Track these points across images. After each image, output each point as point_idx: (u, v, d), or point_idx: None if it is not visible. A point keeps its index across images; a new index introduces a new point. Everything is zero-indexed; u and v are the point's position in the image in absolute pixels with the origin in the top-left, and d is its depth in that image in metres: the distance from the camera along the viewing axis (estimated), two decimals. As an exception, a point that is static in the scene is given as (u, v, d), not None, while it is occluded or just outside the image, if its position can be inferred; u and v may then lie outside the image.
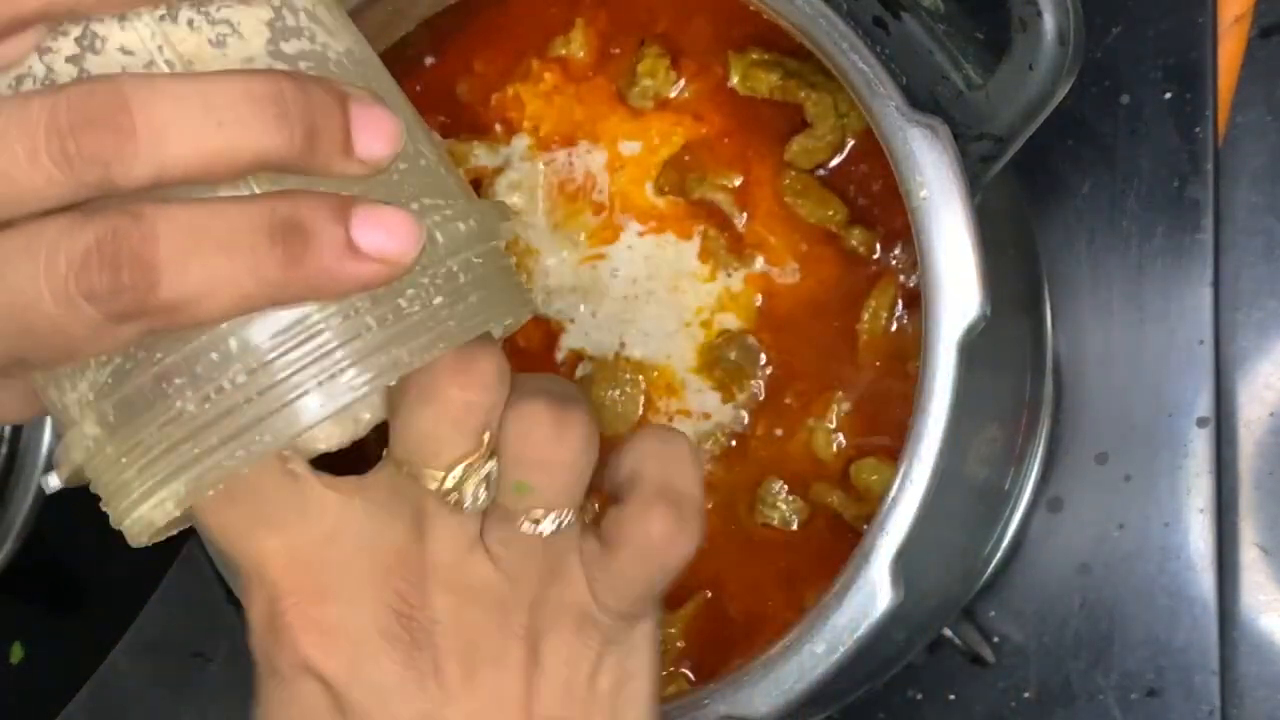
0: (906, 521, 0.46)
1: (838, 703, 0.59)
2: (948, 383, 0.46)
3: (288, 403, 0.36)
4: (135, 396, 0.36)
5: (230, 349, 0.36)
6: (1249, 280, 0.61)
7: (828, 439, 0.54)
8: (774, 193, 0.55)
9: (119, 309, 0.33)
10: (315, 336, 0.36)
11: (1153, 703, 0.59)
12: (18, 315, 0.34)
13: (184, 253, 0.33)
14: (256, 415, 0.36)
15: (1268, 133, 0.61)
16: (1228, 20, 0.60)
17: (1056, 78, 0.45)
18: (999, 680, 0.61)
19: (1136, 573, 0.59)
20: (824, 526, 0.54)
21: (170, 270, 0.33)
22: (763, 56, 0.55)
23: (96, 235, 0.33)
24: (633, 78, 0.56)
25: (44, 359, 0.36)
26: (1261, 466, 0.61)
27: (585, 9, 0.57)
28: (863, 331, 0.53)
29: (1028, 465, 0.60)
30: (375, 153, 0.36)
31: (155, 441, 0.37)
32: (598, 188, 0.56)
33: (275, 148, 0.34)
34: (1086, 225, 0.61)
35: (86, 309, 0.33)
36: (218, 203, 0.34)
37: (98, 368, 0.37)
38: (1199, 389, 0.59)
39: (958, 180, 0.46)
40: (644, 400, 0.55)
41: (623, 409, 0.55)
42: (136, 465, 0.37)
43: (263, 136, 0.34)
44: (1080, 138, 0.61)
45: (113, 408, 0.37)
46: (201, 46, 0.36)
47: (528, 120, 0.58)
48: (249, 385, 0.36)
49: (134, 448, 0.37)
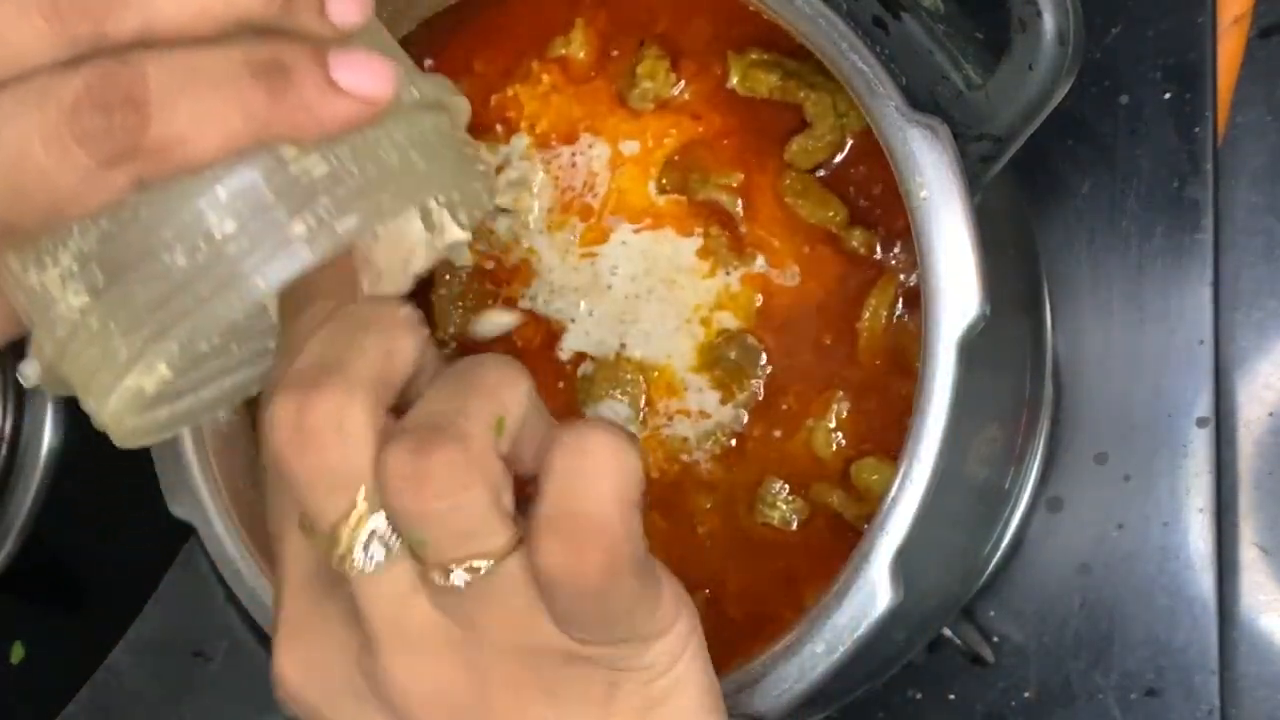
0: (906, 521, 0.46)
1: (838, 703, 0.59)
2: (948, 383, 0.46)
3: (279, 246, 0.36)
4: (123, 255, 0.36)
5: (219, 197, 0.36)
6: (1249, 280, 0.61)
7: (828, 439, 0.54)
8: (774, 193, 0.55)
9: (111, 151, 0.34)
10: (301, 181, 0.36)
11: (1152, 703, 0.59)
12: (8, 171, 0.34)
13: (172, 92, 0.34)
14: (248, 261, 0.36)
15: (1267, 133, 0.61)
16: (1227, 20, 0.60)
17: (1056, 78, 0.45)
18: (999, 680, 0.61)
19: (1136, 573, 0.59)
20: (824, 526, 0.54)
21: (160, 109, 0.34)
22: (762, 57, 0.55)
23: (86, 80, 0.34)
24: (632, 79, 0.56)
25: (32, 221, 0.35)
26: (1261, 466, 0.61)
27: (585, 9, 0.57)
28: (863, 331, 0.53)
29: (1027, 465, 0.60)
30: (348, 18, 0.37)
31: (145, 298, 0.36)
32: (596, 186, 0.56)
33: (257, 4, 0.35)
34: (1086, 225, 0.61)
35: (79, 154, 0.34)
36: (202, 46, 0.35)
37: (81, 235, 0.36)
38: (1199, 389, 0.59)
39: (958, 180, 0.46)
40: (644, 400, 0.55)
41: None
42: (124, 328, 0.36)
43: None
44: (1080, 138, 0.61)
45: (100, 270, 0.36)
46: None
47: (525, 120, 0.58)
48: (239, 233, 0.36)
49: (122, 309, 0.36)
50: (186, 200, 0.36)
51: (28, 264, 0.38)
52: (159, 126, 0.34)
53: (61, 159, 0.34)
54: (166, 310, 0.36)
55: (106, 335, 0.37)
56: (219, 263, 0.36)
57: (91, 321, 0.37)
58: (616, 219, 0.56)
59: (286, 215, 0.36)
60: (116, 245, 0.36)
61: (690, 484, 0.55)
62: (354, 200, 0.37)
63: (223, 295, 0.36)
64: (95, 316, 0.37)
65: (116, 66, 0.34)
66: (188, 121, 0.34)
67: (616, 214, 0.56)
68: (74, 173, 0.34)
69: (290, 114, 0.35)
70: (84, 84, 0.34)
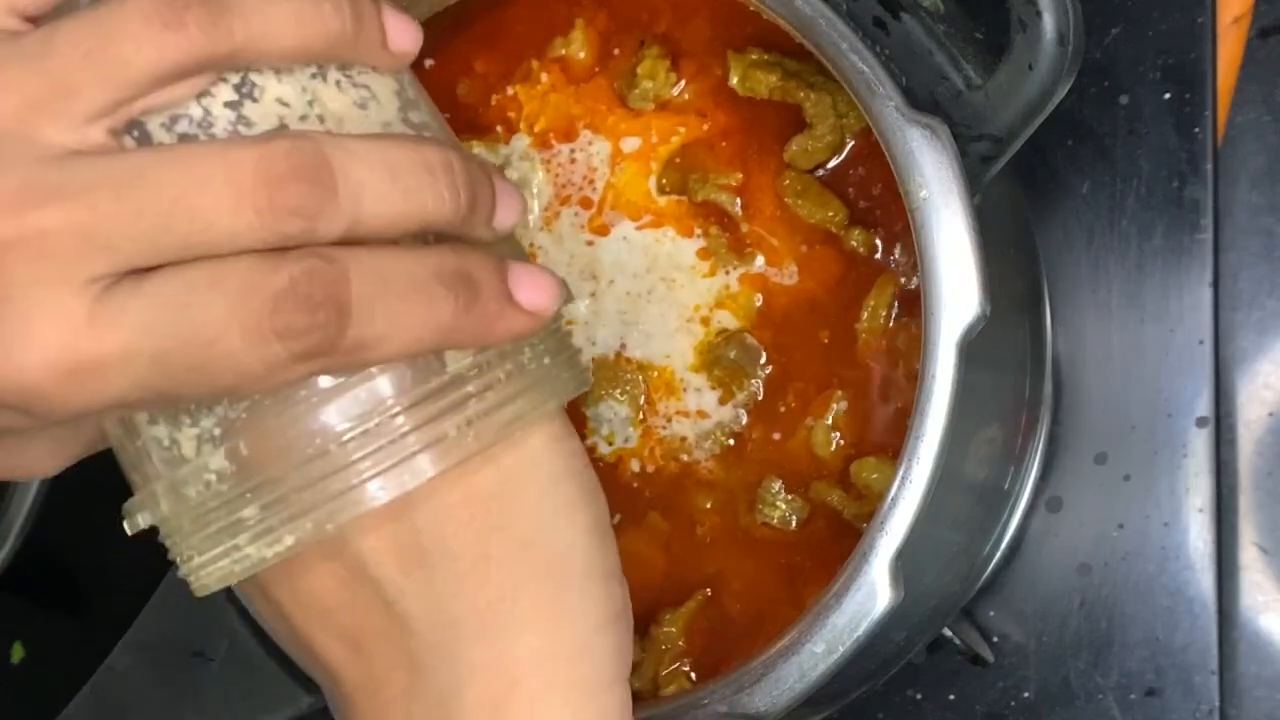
0: (906, 521, 0.46)
1: (838, 703, 0.59)
2: (947, 383, 0.46)
3: (433, 443, 0.37)
4: (276, 433, 0.37)
5: (380, 391, 0.37)
6: (1249, 280, 0.61)
7: (827, 438, 0.54)
8: (774, 193, 0.55)
9: (308, 348, 0.35)
10: (456, 384, 0.38)
11: (1152, 702, 0.59)
12: (197, 351, 0.35)
13: (372, 296, 0.36)
14: (401, 455, 0.37)
15: (1267, 133, 0.61)
16: (1227, 20, 0.60)
17: (1056, 78, 0.45)
18: (999, 680, 0.61)
19: (1136, 573, 0.59)
20: (824, 526, 0.54)
21: (359, 312, 0.35)
22: (762, 57, 0.55)
23: (292, 276, 0.35)
24: (632, 79, 0.56)
25: (200, 395, 0.36)
26: (1261, 466, 0.61)
27: (585, 9, 0.57)
28: (862, 331, 0.53)
29: (1027, 465, 0.60)
30: (508, 222, 0.39)
31: (289, 480, 0.37)
32: (595, 181, 0.57)
33: (445, 213, 0.37)
34: (1086, 225, 0.61)
35: (275, 346, 0.35)
36: (399, 251, 0.37)
37: (230, 403, 0.37)
38: (1199, 389, 0.59)
39: (958, 180, 0.46)
40: (644, 400, 0.55)
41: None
42: (265, 501, 0.37)
43: (437, 202, 0.37)
44: (1080, 138, 0.61)
45: (248, 442, 0.37)
46: (348, 107, 0.39)
47: (524, 121, 0.58)
48: (399, 426, 0.37)
49: (267, 484, 0.37)
50: (348, 389, 0.37)
51: (158, 418, 0.38)
52: (356, 329, 0.35)
53: (256, 348, 0.35)
54: (311, 493, 0.37)
55: (240, 504, 0.38)
56: (372, 454, 0.37)
57: (224, 487, 0.38)
58: (616, 215, 0.56)
59: (439, 415, 0.38)
60: (268, 424, 0.37)
61: (690, 484, 0.55)
62: (499, 407, 0.39)
63: (369, 486, 0.37)
64: (231, 484, 0.37)
65: (323, 266, 0.35)
66: (381, 329, 0.36)
67: (616, 210, 0.56)
68: (264, 361, 0.35)
69: (472, 325, 0.37)
70: (289, 279, 0.35)
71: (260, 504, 0.37)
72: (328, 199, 0.35)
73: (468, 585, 0.39)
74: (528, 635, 0.39)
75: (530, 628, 0.39)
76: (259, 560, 0.38)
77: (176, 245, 0.35)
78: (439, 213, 0.37)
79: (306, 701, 0.54)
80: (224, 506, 0.38)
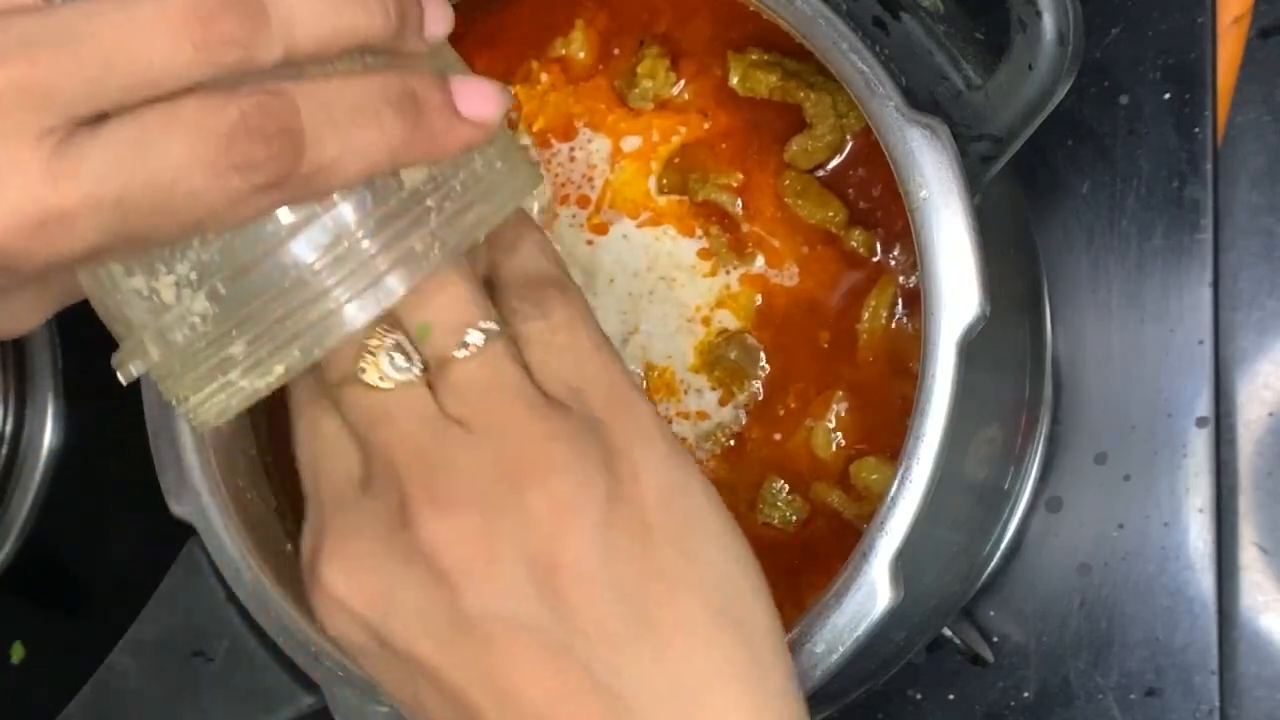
0: (906, 521, 0.46)
1: (838, 703, 0.59)
2: (947, 383, 0.46)
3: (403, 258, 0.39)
4: (250, 268, 0.38)
5: (344, 216, 0.38)
6: (1248, 280, 0.61)
7: (828, 439, 0.54)
8: (774, 193, 0.55)
9: (267, 179, 0.36)
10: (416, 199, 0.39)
11: (1152, 702, 0.59)
12: (158, 192, 0.36)
13: (322, 123, 0.37)
14: (376, 271, 0.38)
15: (1266, 133, 0.61)
16: (1227, 21, 0.60)
17: (1056, 78, 0.45)
18: (999, 680, 0.61)
19: (1136, 573, 0.59)
20: (824, 526, 0.54)
21: (312, 139, 0.37)
22: (762, 57, 0.55)
23: (242, 110, 0.36)
24: (632, 79, 0.56)
25: (169, 235, 0.37)
26: (1261, 466, 0.61)
27: (585, 9, 0.57)
28: (862, 332, 0.53)
29: (1027, 465, 0.60)
30: (439, 31, 0.40)
31: (275, 307, 0.38)
32: (594, 178, 0.56)
33: (376, 26, 0.38)
34: (1086, 225, 0.61)
35: (235, 179, 0.36)
36: (343, 78, 0.38)
37: (202, 246, 0.38)
38: (1198, 389, 0.59)
39: (957, 180, 0.46)
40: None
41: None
42: (250, 335, 0.38)
43: (368, 16, 0.38)
44: (1080, 138, 0.61)
45: (224, 281, 0.38)
46: None
47: (523, 121, 0.58)
48: (367, 246, 0.38)
49: (249, 317, 0.38)
50: (314, 218, 0.38)
51: (134, 269, 0.39)
52: (311, 156, 0.37)
53: (216, 183, 0.36)
54: (295, 319, 0.38)
55: (226, 341, 0.39)
56: (345, 278, 0.38)
57: (210, 329, 0.39)
58: (615, 213, 0.56)
59: (404, 233, 0.39)
60: (241, 260, 0.38)
61: (690, 484, 0.55)
62: (458, 215, 0.40)
63: (346, 310, 0.39)
64: (215, 324, 0.39)
65: (270, 99, 0.36)
66: (335, 152, 0.37)
67: (614, 208, 0.56)
68: (225, 196, 0.36)
69: (421, 142, 0.39)
70: (240, 113, 0.36)
71: (246, 339, 0.39)
72: (260, 24, 0.36)
73: (674, 652, 0.39)
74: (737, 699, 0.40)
75: (737, 693, 0.40)
76: (252, 392, 0.39)
77: (121, 89, 0.35)
78: (370, 27, 0.38)
79: (306, 702, 0.54)
80: (211, 346, 0.39)
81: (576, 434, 0.40)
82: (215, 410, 0.40)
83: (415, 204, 0.39)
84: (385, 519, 0.40)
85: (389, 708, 0.51)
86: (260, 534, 0.54)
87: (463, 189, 0.40)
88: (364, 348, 0.40)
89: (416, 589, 0.39)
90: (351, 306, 0.38)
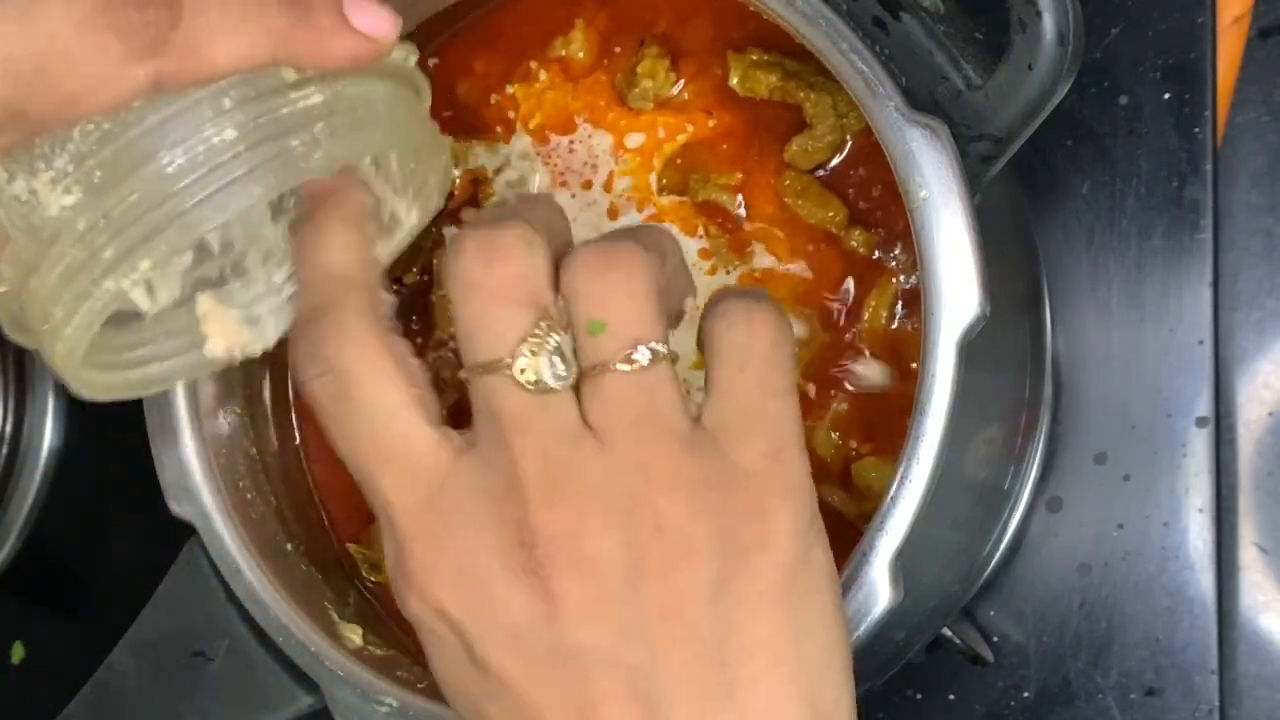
0: (906, 521, 0.46)
1: (837, 702, 0.59)
2: (947, 383, 0.46)
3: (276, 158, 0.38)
4: (123, 155, 0.38)
5: (224, 105, 0.38)
6: (1248, 280, 0.61)
7: (828, 439, 0.54)
8: (774, 193, 0.55)
9: (141, 42, 0.36)
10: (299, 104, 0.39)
11: (1152, 702, 0.59)
12: (36, 53, 0.36)
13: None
14: (246, 168, 0.38)
15: (1266, 133, 0.61)
16: (1227, 21, 0.60)
17: (1056, 78, 0.45)
18: (998, 680, 0.61)
19: (1136, 573, 0.59)
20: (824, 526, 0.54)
21: (190, 11, 0.37)
22: (762, 57, 0.55)
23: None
24: (632, 78, 0.56)
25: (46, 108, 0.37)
26: (1261, 466, 0.61)
27: (586, 9, 0.57)
28: (863, 331, 0.53)
29: (1027, 465, 0.60)
30: None
31: (141, 197, 0.38)
32: (598, 167, 0.56)
33: None
34: (1086, 225, 0.61)
35: (110, 40, 0.36)
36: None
37: (83, 137, 0.38)
38: (1198, 389, 0.59)
39: (957, 180, 0.46)
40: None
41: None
42: (116, 225, 0.38)
43: None
44: (1080, 138, 0.61)
45: (99, 166, 0.38)
46: None
47: (521, 120, 0.58)
48: (238, 141, 0.38)
49: (116, 206, 0.38)
50: (193, 106, 0.38)
51: (16, 172, 0.39)
52: (188, 28, 0.37)
53: (92, 44, 0.36)
54: (160, 211, 0.38)
55: (95, 233, 0.38)
56: (220, 166, 0.38)
57: (79, 222, 0.38)
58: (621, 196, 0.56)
59: (286, 131, 0.38)
60: (118, 145, 0.38)
61: (690, 484, 0.55)
62: (346, 130, 0.39)
63: (218, 197, 0.38)
64: (86, 215, 0.38)
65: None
66: (214, 28, 0.37)
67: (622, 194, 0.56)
68: (101, 61, 0.36)
69: (305, 39, 0.38)
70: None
71: (113, 229, 0.38)
72: None
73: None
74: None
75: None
76: (118, 293, 0.38)
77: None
78: None
79: (306, 701, 0.54)
80: (80, 242, 0.38)
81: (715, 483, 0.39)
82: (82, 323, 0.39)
83: (300, 107, 0.39)
84: (497, 525, 0.38)
85: (389, 708, 0.51)
86: (260, 534, 0.54)
87: (354, 109, 0.40)
88: (526, 340, 0.38)
89: (522, 606, 0.38)
90: (221, 196, 0.38)
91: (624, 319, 0.39)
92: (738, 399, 0.40)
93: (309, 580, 0.56)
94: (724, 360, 0.40)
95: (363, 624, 0.54)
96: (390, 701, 0.51)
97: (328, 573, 0.57)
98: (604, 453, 0.38)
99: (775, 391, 0.40)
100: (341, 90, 0.40)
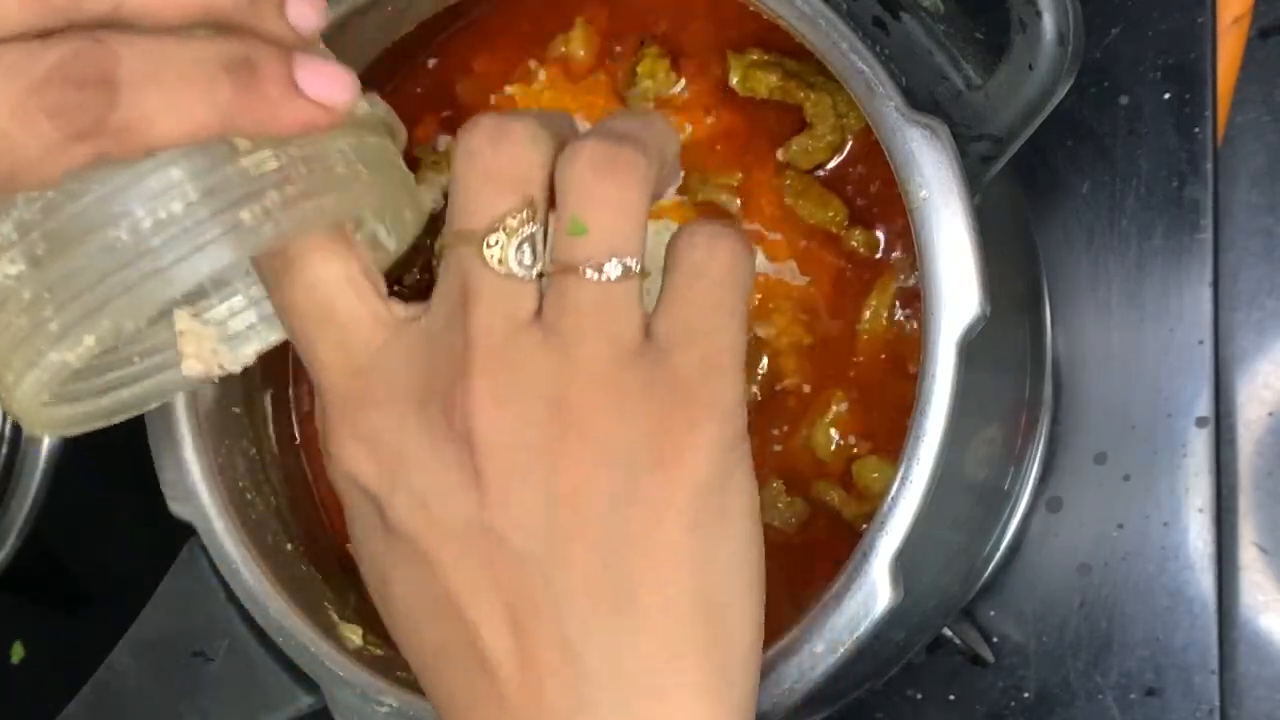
0: (906, 521, 0.46)
1: (838, 703, 0.59)
2: (947, 383, 0.46)
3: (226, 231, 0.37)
4: (68, 227, 0.37)
5: (172, 177, 0.37)
6: (1248, 280, 0.61)
7: (828, 439, 0.54)
8: (774, 193, 0.55)
9: (78, 126, 0.35)
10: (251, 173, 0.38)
11: (1152, 702, 0.59)
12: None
13: (143, 76, 0.35)
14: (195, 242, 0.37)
15: (1266, 133, 0.61)
16: (1227, 21, 0.60)
17: (1056, 78, 0.45)
18: (999, 680, 0.61)
19: (1136, 573, 0.59)
20: (824, 526, 0.54)
21: (130, 91, 0.35)
22: (762, 57, 0.55)
23: (60, 55, 0.35)
24: (632, 78, 0.56)
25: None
26: (1261, 466, 0.61)
27: (586, 9, 0.57)
28: (863, 331, 0.53)
29: (1027, 465, 0.60)
30: (305, 22, 0.39)
31: (87, 271, 0.37)
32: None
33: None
34: (1086, 225, 0.61)
35: (45, 125, 0.35)
36: (175, 35, 0.36)
37: (26, 205, 0.37)
38: (1198, 389, 0.59)
39: (957, 180, 0.46)
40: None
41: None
42: (60, 299, 0.37)
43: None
44: (1080, 138, 0.61)
45: (43, 238, 0.37)
46: None
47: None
48: (187, 215, 0.37)
49: (61, 280, 0.37)
50: (140, 178, 0.37)
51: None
52: (127, 107, 0.35)
53: (27, 128, 0.35)
54: (106, 285, 0.37)
55: (39, 305, 0.37)
56: (167, 241, 0.37)
57: (24, 292, 0.37)
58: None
59: (235, 203, 0.37)
60: (62, 217, 0.37)
61: (690, 484, 0.55)
62: (300, 200, 0.38)
63: (166, 273, 0.37)
64: (30, 286, 0.37)
65: (90, 45, 0.35)
66: (155, 106, 0.36)
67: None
68: (37, 143, 0.35)
69: (253, 110, 0.37)
70: (58, 58, 0.35)
71: (57, 303, 0.37)
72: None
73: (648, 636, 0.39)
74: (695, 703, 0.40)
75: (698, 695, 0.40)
76: (61, 365, 0.37)
77: None
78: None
79: (306, 701, 0.54)
80: (25, 312, 0.37)
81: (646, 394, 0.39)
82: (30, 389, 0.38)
83: (250, 177, 0.37)
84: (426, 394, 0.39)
85: (389, 708, 0.51)
86: (260, 534, 0.54)
87: (309, 174, 0.38)
88: (501, 221, 0.39)
89: (439, 474, 0.39)
90: (170, 273, 0.37)
91: (606, 228, 0.39)
92: (684, 308, 0.41)
93: (309, 580, 0.56)
94: (679, 273, 0.41)
95: (363, 624, 0.54)
96: (390, 702, 0.51)
97: (328, 573, 0.57)
98: (546, 347, 0.39)
99: (722, 306, 0.41)
100: (297, 153, 0.38)
